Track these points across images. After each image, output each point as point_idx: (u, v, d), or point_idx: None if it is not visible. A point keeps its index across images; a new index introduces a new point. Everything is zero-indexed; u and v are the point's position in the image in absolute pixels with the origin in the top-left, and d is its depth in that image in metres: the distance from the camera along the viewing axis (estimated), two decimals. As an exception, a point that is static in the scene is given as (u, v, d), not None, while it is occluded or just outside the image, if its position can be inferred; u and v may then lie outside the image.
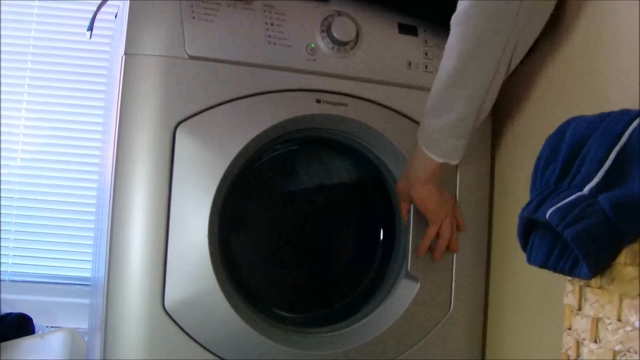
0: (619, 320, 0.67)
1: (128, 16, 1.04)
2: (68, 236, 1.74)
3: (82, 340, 1.45)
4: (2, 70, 1.70)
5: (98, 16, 1.28)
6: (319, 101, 1.10)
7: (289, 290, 1.20)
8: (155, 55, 1.03)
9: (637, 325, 0.65)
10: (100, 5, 1.24)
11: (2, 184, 1.69)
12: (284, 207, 1.28)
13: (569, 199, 0.68)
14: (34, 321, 1.55)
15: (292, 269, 1.16)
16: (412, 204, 1.13)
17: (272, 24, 1.08)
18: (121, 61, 1.04)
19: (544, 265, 0.75)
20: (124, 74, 1.03)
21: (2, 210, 1.69)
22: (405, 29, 1.16)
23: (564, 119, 0.81)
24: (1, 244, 1.68)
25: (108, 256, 1.02)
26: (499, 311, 1.19)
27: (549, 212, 0.68)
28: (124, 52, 1.03)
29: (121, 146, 1.02)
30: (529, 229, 0.77)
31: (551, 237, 0.73)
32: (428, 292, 1.14)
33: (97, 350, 1.05)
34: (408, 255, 1.14)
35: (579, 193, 0.68)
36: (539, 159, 0.79)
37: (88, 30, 1.30)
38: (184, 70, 1.03)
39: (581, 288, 0.74)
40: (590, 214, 0.66)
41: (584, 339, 0.72)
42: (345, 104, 1.11)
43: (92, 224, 1.54)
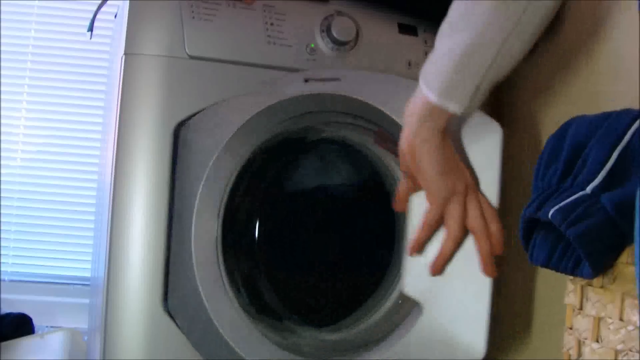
0: (620, 319, 0.67)
1: (128, 16, 1.04)
2: (68, 236, 1.74)
3: (82, 340, 1.45)
4: (2, 70, 1.70)
5: (98, 16, 1.28)
6: (307, 80, 1.06)
7: (292, 292, 1.20)
8: (155, 55, 1.03)
9: (639, 324, 0.65)
10: (101, 6, 1.24)
11: (2, 184, 1.69)
12: (285, 208, 1.27)
13: (571, 198, 0.68)
14: (34, 321, 1.55)
15: (295, 271, 1.16)
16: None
17: (272, 24, 1.08)
18: (121, 61, 1.04)
19: (546, 264, 0.75)
20: (124, 74, 1.03)
21: (2, 210, 1.69)
22: (405, 29, 1.16)
23: (565, 118, 0.81)
24: (1, 244, 1.68)
25: (108, 256, 1.02)
26: (499, 311, 1.19)
27: (551, 211, 0.68)
28: (123, 52, 1.03)
29: (121, 146, 1.02)
30: (531, 228, 0.77)
31: (553, 236, 0.73)
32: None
33: (97, 350, 1.05)
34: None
35: (581, 192, 0.68)
36: (540, 158, 0.79)
37: (88, 31, 1.30)
38: (184, 70, 1.03)
39: (583, 287, 0.74)
40: (592, 213, 0.66)
41: (586, 339, 0.72)
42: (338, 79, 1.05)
43: (92, 224, 1.54)
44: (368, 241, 1.22)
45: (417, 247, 0.84)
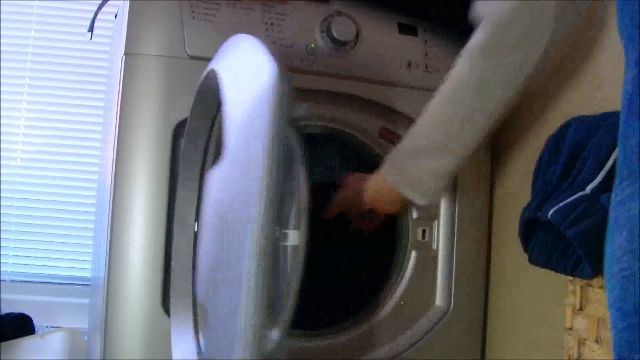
0: (620, 320, 0.67)
1: (128, 16, 1.04)
2: (68, 236, 1.74)
3: (82, 340, 1.45)
4: (2, 70, 1.70)
5: (98, 16, 1.28)
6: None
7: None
8: (155, 55, 1.03)
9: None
10: (101, 6, 1.24)
11: (2, 184, 1.69)
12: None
13: (570, 198, 0.68)
14: (34, 321, 1.55)
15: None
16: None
17: (272, 24, 1.08)
18: (121, 61, 1.04)
19: (546, 265, 0.75)
20: (124, 74, 1.03)
21: (2, 210, 1.69)
22: (405, 29, 1.16)
23: (564, 119, 0.81)
24: (1, 244, 1.68)
25: (108, 256, 1.02)
26: (499, 311, 1.19)
27: (550, 211, 0.69)
28: (124, 52, 1.03)
29: (121, 146, 1.02)
30: (531, 229, 0.77)
31: (552, 236, 0.73)
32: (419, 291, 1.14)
33: (97, 350, 1.05)
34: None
35: (581, 193, 0.68)
36: (540, 159, 0.79)
37: (88, 32, 1.30)
38: (184, 70, 1.03)
39: (582, 288, 0.74)
40: (592, 213, 0.66)
41: (585, 339, 0.72)
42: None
43: (92, 224, 1.54)
44: (367, 244, 1.22)
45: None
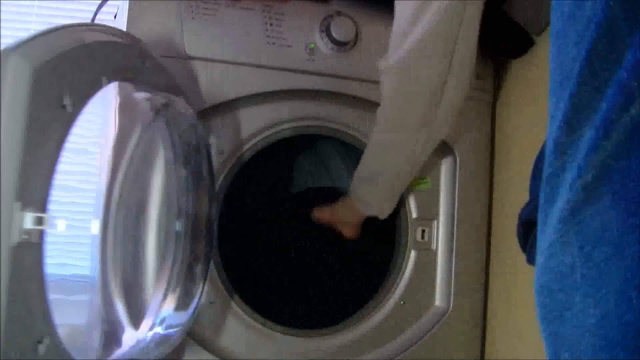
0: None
1: (128, 16, 1.04)
2: (68, 236, 1.74)
3: (82, 337, 1.45)
4: (3, 70, 1.70)
5: (98, 16, 1.28)
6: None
7: (292, 293, 1.20)
8: (155, 55, 1.03)
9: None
10: (101, 6, 1.24)
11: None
12: (286, 209, 1.28)
13: (568, 199, 0.68)
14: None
15: (295, 273, 1.16)
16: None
17: (271, 24, 1.08)
18: (121, 61, 1.04)
19: (543, 265, 0.75)
20: (124, 74, 1.03)
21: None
22: (405, 29, 1.16)
23: (563, 119, 0.80)
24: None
25: (106, 253, 1.02)
26: (499, 311, 1.19)
27: (548, 212, 0.68)
28: (123, 52, 1.03)
29: (121, 143, 1.02)
30: (529, 229, 0.77)
31: (550, 237, 0.73)
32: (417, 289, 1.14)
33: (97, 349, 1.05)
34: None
35: (578, 193, 0.68)
36: (538, 158, 0.79)
37: (88, 31, 1.30)
38: (183, 70, 1.03)
39: (580, 288, 0.74)
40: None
41: (583, 339, 0.72)
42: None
43: (89, 223, 1.54)
44: (367, 244, 1.22)
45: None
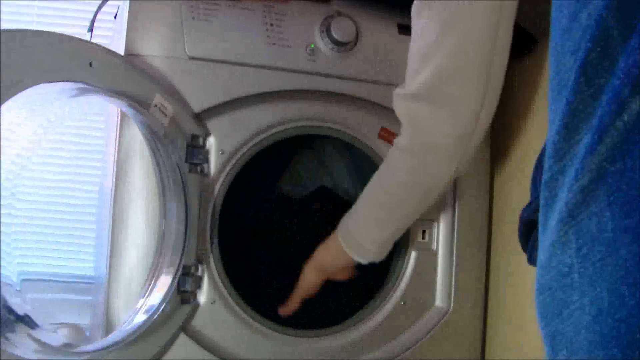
0: (619, 320, 0.67)
1: (128, 16, 1.04)
2: (69, 236, 1.74)
3: (85, 336, 1.45)
4: (3, 70, 1.70)
5: (98, 16, 1.28)
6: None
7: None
8: (155, 55, 1.03)
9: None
10: (101, 6, 1.24)
11: (4, 182, 1.69)
12: (286, 209, 1.28)
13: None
14: (38, 318, 1.55)
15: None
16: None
17: (271, 25, 1.08)
18: (121, 61, 1.04)
19: (544, 265, 0.75)
20: (124, 74, 1.03)
21: (3, 210, 1.69)
22: (405, 29, 1.16)
23: (564, 119, 0.80)
24: (1, 244, 1.68)
25: (109, 254, 1.02)
26: (499, 311, 1.19)
27: (549, 212, 0.68)
28: (123, 53, 1.03)
29: (122, 144, 1.03)
30: (530, 229, 0.77)
31: (551, 237, 0.73)
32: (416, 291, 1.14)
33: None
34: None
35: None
36: (539, 159, 0.79)
37: (88, 32, 1.30)
38: (183, 71, 1.03)
39: (581, 288, 0.74)
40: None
41: (584, 340, 0.72)
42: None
43: (93, 224, 1.54)
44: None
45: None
